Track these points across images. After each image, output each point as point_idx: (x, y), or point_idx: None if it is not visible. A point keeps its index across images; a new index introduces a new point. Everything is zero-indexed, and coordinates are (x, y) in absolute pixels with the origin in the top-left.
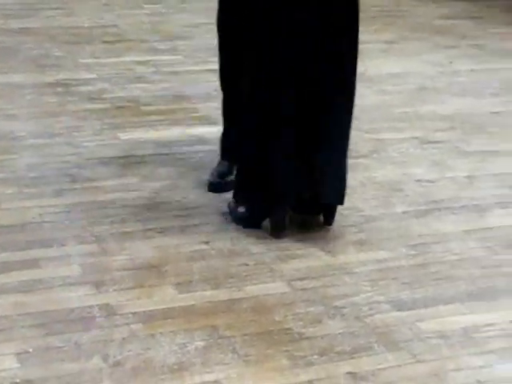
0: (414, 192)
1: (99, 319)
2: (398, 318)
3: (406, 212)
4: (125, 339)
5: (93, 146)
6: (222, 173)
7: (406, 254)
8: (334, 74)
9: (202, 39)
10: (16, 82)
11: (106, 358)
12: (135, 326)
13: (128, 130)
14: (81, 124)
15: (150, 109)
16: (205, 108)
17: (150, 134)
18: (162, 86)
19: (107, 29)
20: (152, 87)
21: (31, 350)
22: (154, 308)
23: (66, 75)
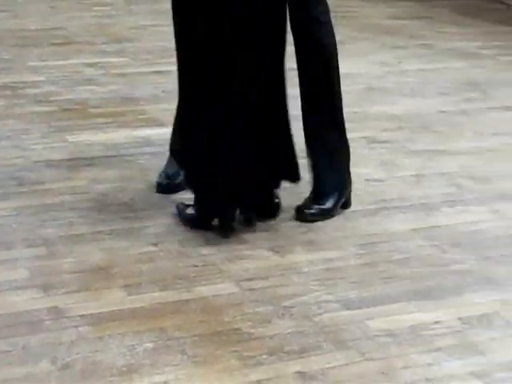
0: (363, 191)
1: (47, 322)
2: (346, 316)
3: (355, 211)
4: (73, 342)
5: (40, 148)
6: (171, 174)
7: (354, 254)
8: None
9: (149, 41)
10: None
11: (54, 361)
12: (84, 329)
13: (76, 132)
14: (28, 127)
15: (98, 111)
16: (152, 110)
17: (98, 137)
18: (110, 88)
19: (55, 31)
20: (100, 89)
21: None
22: (103, 310)
23: (13, 78)
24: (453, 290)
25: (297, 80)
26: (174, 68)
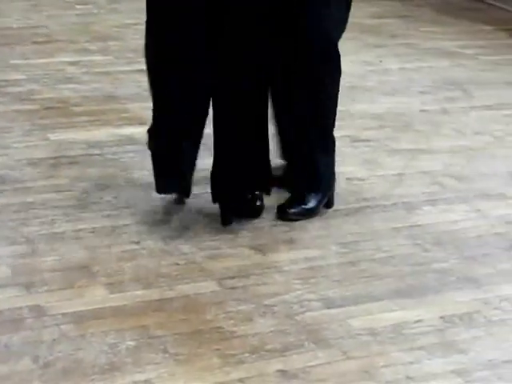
0: (345, 190)
1: (29, 320)
2: (328, 315)
3: (337, 210)
4: (55, 340)
5: (22, 146)
6: None
7: (336, 252)
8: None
9: (132, 40)
10: None
11: (36, 359)
12: (65, 327)
13: (58, 130)
14: (10, 125)
15: (81, 109)
16: (135, 108)
17: (80, 135)
18: (92, 86)
19: (37, 29)
20: (82, 88)
21: None
22: (85, 308)
23: None
24: (435, 288)
25: None
26: None
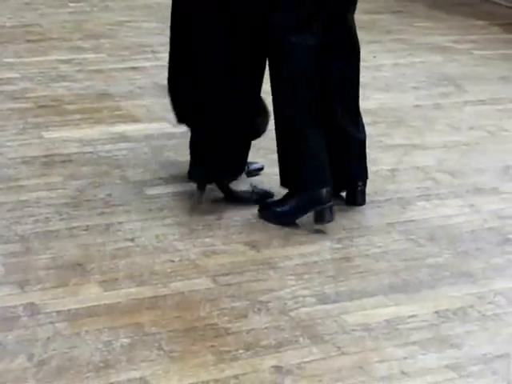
0: None
1: (23, 319)
2: (322, 311)
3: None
4: (49, 338)
5: (16, 145)
6: None
7: (330, 248)
8: None
9: (125, 37)
10: None
11: (30, 357)
12: (60, 325)
13: (51, 128)
14: (4, 123)
15: (74, 107)
16: (128, 106)
17: (74, 133)
18: (85, 84)
19: (30, 28)
20: (76, 86)
21: None
22: (79, 306)
23: None
24: (429, 283)
25: None
26: (150, 64)
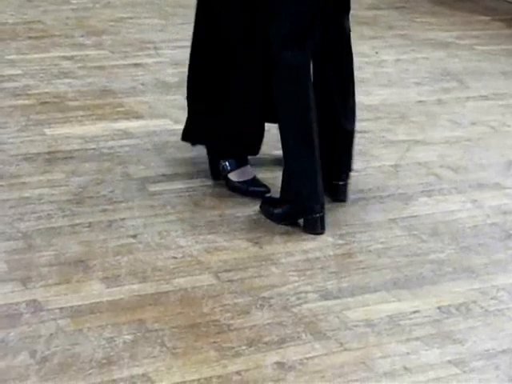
0: None
1: (26, 315)
2: (325, 307)
3: (333, 202)
4: (52, 335)
5: (18, 142)
6: None
7: (332, 244)
8: None
9: (127, 34)
10: None
11: (33, 354)
12: (63, 322)
13: (54, 125)
14: (6, 120)
15: (76, 104)
16: (130, 102)
17: (76, 130)
18: (87, 81)
19: (32, 24)
20: (78, 82)
21: None
22: (82, 303)
23: None
24: (431, 279)
25: None
26: (152, 60)
